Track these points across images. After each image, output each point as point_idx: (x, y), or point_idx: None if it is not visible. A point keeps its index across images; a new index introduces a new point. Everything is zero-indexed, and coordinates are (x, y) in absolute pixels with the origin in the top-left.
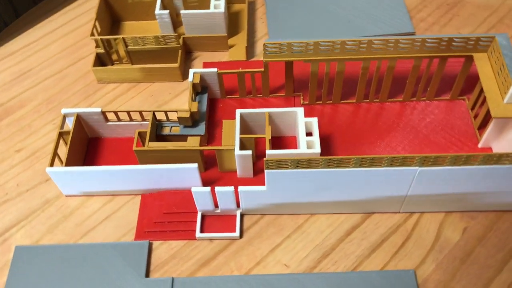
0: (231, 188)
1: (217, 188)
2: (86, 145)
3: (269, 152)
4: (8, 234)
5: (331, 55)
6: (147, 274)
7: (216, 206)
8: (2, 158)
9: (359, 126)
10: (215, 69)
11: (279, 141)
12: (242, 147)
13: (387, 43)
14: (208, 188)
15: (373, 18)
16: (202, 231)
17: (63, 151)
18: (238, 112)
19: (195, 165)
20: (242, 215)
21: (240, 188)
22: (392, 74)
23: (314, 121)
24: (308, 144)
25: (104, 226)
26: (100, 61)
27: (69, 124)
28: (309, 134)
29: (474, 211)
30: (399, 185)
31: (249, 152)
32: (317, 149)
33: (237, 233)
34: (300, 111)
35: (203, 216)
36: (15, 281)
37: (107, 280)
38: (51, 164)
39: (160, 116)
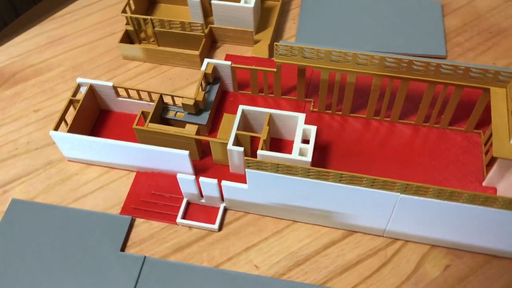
0: (215, 181)
1: (201, 178)
2: (97, 115)
3: (260, 152)
4: (9, 186)
5: (342, 66)
6: (123, 249)
7: (202, 195)
8: (20, 115)
9: (363, 143)
10: (229, 62)
11: (279, 143)
12: (237, 142)
13: (400, 62)
14: (192, 177)
15: (406, 35)
16: (183, 217)
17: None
18: (241, 108)
19: (186, 152)
20: (225, 210)
21: (223, 182)
22: (405, 95)
23: (312, 129)
24: (301, 151)
25: (96, 195)
26: (129, 38)
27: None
28: (307, 141)
29: (461, 250)
30: (381, 208)
31: (241, 148)
32: (308, 157)
33: (216, 226)
34: (301, 117)
35: (188, 203)
36: (3, 230)
37: (84, 247)
38: (56, 128)
39: (170, 100)
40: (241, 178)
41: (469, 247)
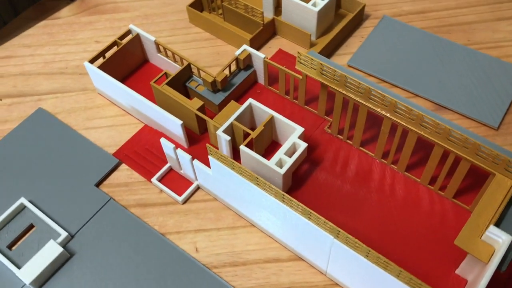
0: (188, 156)
1: (178, 150)
2: (139, 63)
3: (242, 148)
4: (45, 97)
5: (355, 95)
6: (98, 185)
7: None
8: (83, 41)
9: (358, 185)
10: (263, 55)
11: (278, 148)
12: (230, 131)
13: (410, 112)
14: (172, 145)
15: (467, 93)
16: (159, 179)
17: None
18: (249, 100)
19: (180, 121)
20: (198, 188)
21: (195, 161)
22: (412, 147)
23: (302, 146)
24: (279, 162)
25: (103, 131)
26: (201, 4)
27: None
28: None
29: None
30: (320, 246)
31: (228, 137)
32: (282, 170)
33: (180, 198)
34: (298, 130)
35: (170, 169)
36: (17, 131)
37: (69, 169)
38: (92, 61)
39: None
40: None
41: None
